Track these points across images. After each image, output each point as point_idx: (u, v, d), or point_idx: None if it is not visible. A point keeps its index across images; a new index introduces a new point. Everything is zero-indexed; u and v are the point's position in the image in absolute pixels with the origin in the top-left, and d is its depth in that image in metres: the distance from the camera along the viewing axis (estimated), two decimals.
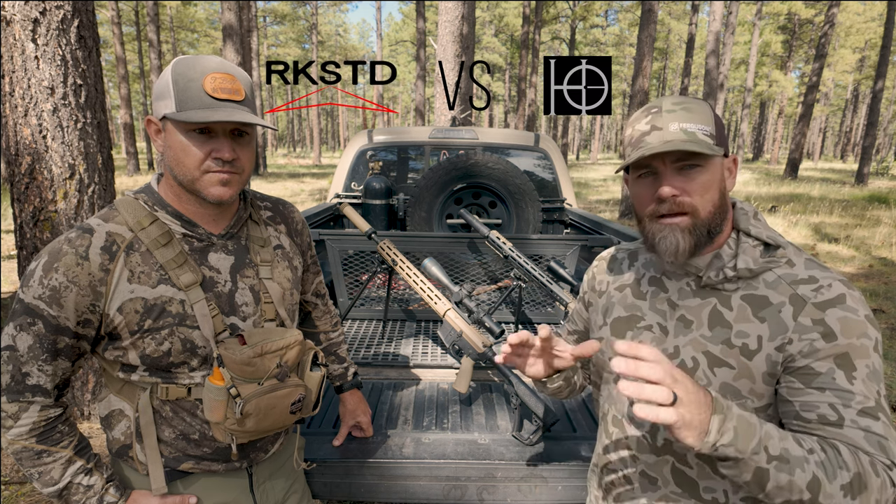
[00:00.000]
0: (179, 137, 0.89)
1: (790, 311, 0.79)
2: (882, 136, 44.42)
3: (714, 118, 0.82)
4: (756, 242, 0.85)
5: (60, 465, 0.93)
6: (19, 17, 2.37)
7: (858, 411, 0.72)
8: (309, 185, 17.03)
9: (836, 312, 0.76)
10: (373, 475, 1.38)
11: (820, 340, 0.75)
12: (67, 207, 2.57)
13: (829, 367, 0.74)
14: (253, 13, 20.34)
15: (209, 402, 0.92)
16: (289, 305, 1.09)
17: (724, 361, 0.82)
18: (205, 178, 0.91)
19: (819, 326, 0.76)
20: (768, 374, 0.79)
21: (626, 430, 0.95)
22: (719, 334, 0.83)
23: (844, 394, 0.73)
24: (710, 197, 0.82)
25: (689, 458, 0.87)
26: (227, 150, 0.91)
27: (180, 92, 0.88)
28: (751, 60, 28.20)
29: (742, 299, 0.83)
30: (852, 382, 0.73)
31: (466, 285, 2.56)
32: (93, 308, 0.89)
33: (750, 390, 0.81)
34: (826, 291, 0.78)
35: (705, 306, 0.86)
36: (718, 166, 0.83)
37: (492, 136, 3.67)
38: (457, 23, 6.53)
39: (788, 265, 0.83)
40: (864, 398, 0.72)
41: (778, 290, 0.81)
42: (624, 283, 1.00)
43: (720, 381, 0.82)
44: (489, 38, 35.47)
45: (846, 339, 0.74)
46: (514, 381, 1.55)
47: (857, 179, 17.29)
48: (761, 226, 0.86)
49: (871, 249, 7.80)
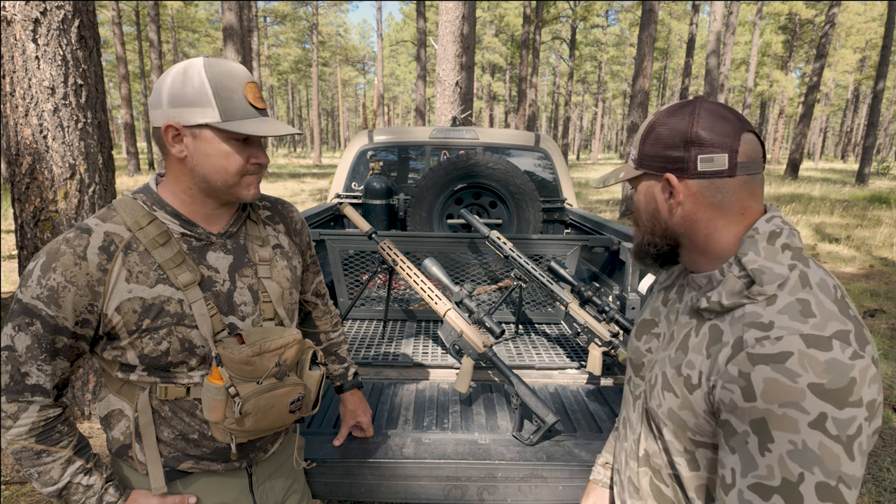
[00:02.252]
0: (222, 146, 0.91)
1: (727, 354, 0.71)
2: (883, 136, 44.39)
3: (643, 134, 0.81)
4: (742, 274, 0.73)
5: (60, 464, 0.93)
6: (20, 17, 2.37)
7: (751, 485, 0.66)
8: (309, 185, 17.03)
9: (765, 371, 0.65)
10: (373, 475, 1.38)
11: (739, 396, 0.67)
12: (68, 207, 2.57)
13: (744, 428, 0.67)
14: (254, 13, 20.36)
15: (208, 401, 0.92)
16: (287, 305, 1.09)
17: (672, 387, 0.79)
18: (243, 182, 0.96)
19: (742, 380, 0.67)
20: (708, 412, 0.74)
21: (626, 434, 0.95)
22: (677, 358, 0.80)
23: (749, 461, 0.66)
24: (640, 218, 0.85)
25: (663, 476, 0.85)
26: (264, 156, 0.97)
27: (224, 101, 0.89)
28: (751, 60, 28.17)
29: (709, 329, 0.77)
30: (763, 454, 0.64)
31: (467, 285, 2.56)
32: (91, 308, 0.89)
33: (695, 424, 0.76)
34: (769, 344, 0.66)
35: (686, 327, 0.82)
36: (645, 187, 0.83)
37: (492, 136, 3.67)
38: (457, 23, 6.53)
39: (767, 303, 0.71)
40: (767, 473, 0.64)
41: (734, 328, 0.72)
42: (665, 285, 0.96)
43: (668, 407, 0.79)
44: (490, 38, 35.47)
45: (765, 404, 0.64)
46: (514, 381, 1.55)
47: (858, 179, 17.28)
48: (767, 252, 0.72)
49: (871, 250, 7.79)
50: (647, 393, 0.85)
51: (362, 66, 55.32)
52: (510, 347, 2.20)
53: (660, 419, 0.82)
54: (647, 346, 0.91)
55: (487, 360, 1.66)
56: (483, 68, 38.11)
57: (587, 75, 44.75)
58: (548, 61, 43.40)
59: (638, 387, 0.91)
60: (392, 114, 61.11)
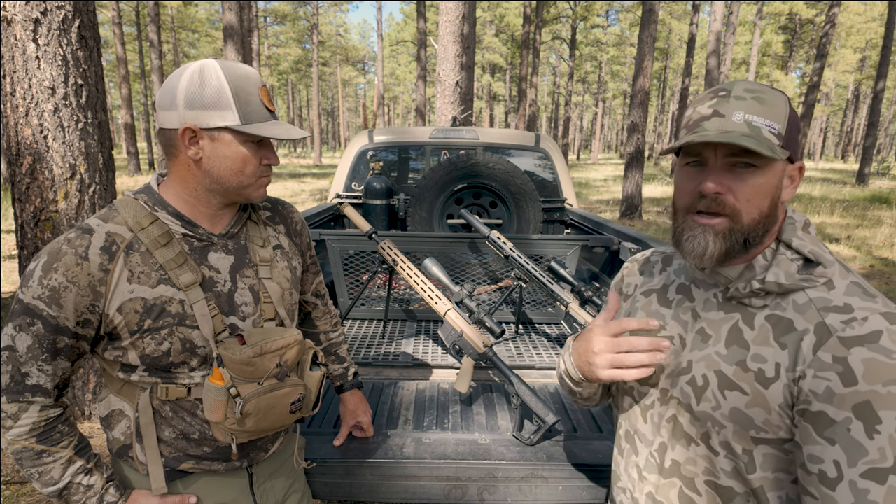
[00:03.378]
0: (240, 148, 0.93)
1: (812, 341, 0.69)
2: (883, 136, 44.38)
3: (789, 115, 0.73)
4: (795, 256, 0.74)
5: (60, 465, 0.93)
6: (20, 17, 2.37)
7: (863, 472, 0.63)
8: (309, 185, 17.03)
9: (863, 352, 0.64)
10: (373, 475, 1.38)
11: (837, 383, 0.65)
12: (68, 207, 2.57)
13: (845, 416, 0.64)
14: (254, 13, 20.36)
15: (209, 401, 0.92)
16: (288, 305, 1.09)
17: (737, 385, 0.74)
18: (256, 183, 0.98)
19: (839, 366, 0.65)
20: (786, 405, 0.71)
21: (636, 448, 0.90)
22: (735, 354, 0.75)
23: (855, 449, 0.63)
24: (758, 203, 0.73)
25: (697, 484, 0.81)
26: (275, 157, 0.98)
27: (243, 105, 0.91)
28: (752, 60, 28.16)
29: (766, 319, 0.74)
30: (872, 437, 0.62)
31: (467, 285, 2.56)
32: (92, 308, 0.89)
33: (764, 421, 0.72)
34: (858, 326, 0.66)
35: (727, 321, 0.78)
36: (778, 171, 0.73)
37: (492, 136, 3.67)
38: (458, 23, 6.52)
39: (826, 287, 0.72)
40: (879, 457, 0.62)
41: (806, 315, 0.71)
42: (652, 287, 0.93)
43: (730, 406, 0.75)
44: (490, 38, 35.47)
45: (868, 386, 0.63)
46: (514, 381, 1.55)
47: (858, 179, 17.27)
48: (808, 239, 0.75)
49: (872, 250, 7.79)
50: (693, 397, 0.79)
51: (362, 66, 55.34)
52: (510, 347, 2.20)
53: (714, 421, 0.77)
54: None
55: (488, 360, 1.66)
56: (483, 68, 38.11)
57: (587, 75, 44.75)
58: (548, 61, 43.41)
59: (648, 396, 0.87)
60: (392, 114, 61.11)
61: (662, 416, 0.85)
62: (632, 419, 0.91)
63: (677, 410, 0.82)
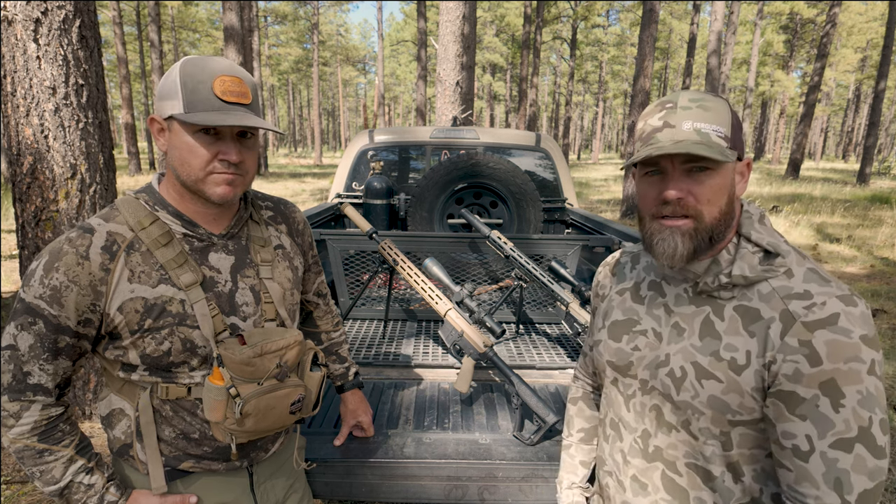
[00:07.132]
0: (186, 138, 0.89)
1: (779, 328, 0.75)
2: (884, 135, 44.34)
3: (731, 118, 0.79)
4: (756, 249, 0.81)
5: (62, 464, 0.93)
6: (21, 16, 2.38)
7: (832, 443, 0.70)
8: (310, 184, 17.04)
9: (825, 335, 0.71)
10: (374, 475, 1.38)
11: (805, 364, 0.72)
12: (69, 207, 2.57)
13: (814, 393, 0.71)
14: (254, 13, 20.35)
15: (209, 401, 0.92)
16: (289, 305, 1.09)
17: (712, 374, 0.80)
18: (209, 179, 0.92)
19: (805, 349, 0.72)
20: (758, 389, 0.77)
21: (621, 434, 0.95)
22: (709, 345, 0.81)
23: (824, 422, 0.70)
24: (717, 202, 0.79)
25: (678, 466, 0.86)
26: (235, 153, 0.91)
27: (189, 93, 0.87)
28: (752, 60, 28.16)
29: (735, 310, 0.80)
30: (838, 410, 0.70)
31: (467, 285, 2.56)
32: (93, 307, 0.89)
33: (739, 404, 0.78)
34: (818, 310, 0.73)
35: (699, 314, 0.84)
36: (730, 170, 0.80)
37: (493, 136, 3.67)
38: (458, 23, 6.52)
39: (786, 276, 0.78)
40: (844, 427, 0.69)
41: (770, 303, 0.77)
42: (625, 286, 0.98)
43: (708, 394, 0.80)
44: (490, 38, 35.46)
45: (832, 364, 0.70)
46: (515, 381, 1.55)
47: (859, 179, 17.25)
48: (765, 231, 0.82)
49: (873, 250, 7.78)
50: (673, 388, 0.84)
51: (363, 66, 55.33)
52: (511, 347, 2.20)
53: (693, 409, 0.82)
54: (631, 346, 0.92)
55: (488, 359, 1.66)
56: (484, 68, 38.09)
57: (588, 75, 44.72)
58: (548, 61, 43.37)
59: (629, 386, 0.93)
60: (393, 114, 61.10)
61: (645, 405, 0.91)
62: (616, 408, 0.97)
63: (659, 400, 0.88)
